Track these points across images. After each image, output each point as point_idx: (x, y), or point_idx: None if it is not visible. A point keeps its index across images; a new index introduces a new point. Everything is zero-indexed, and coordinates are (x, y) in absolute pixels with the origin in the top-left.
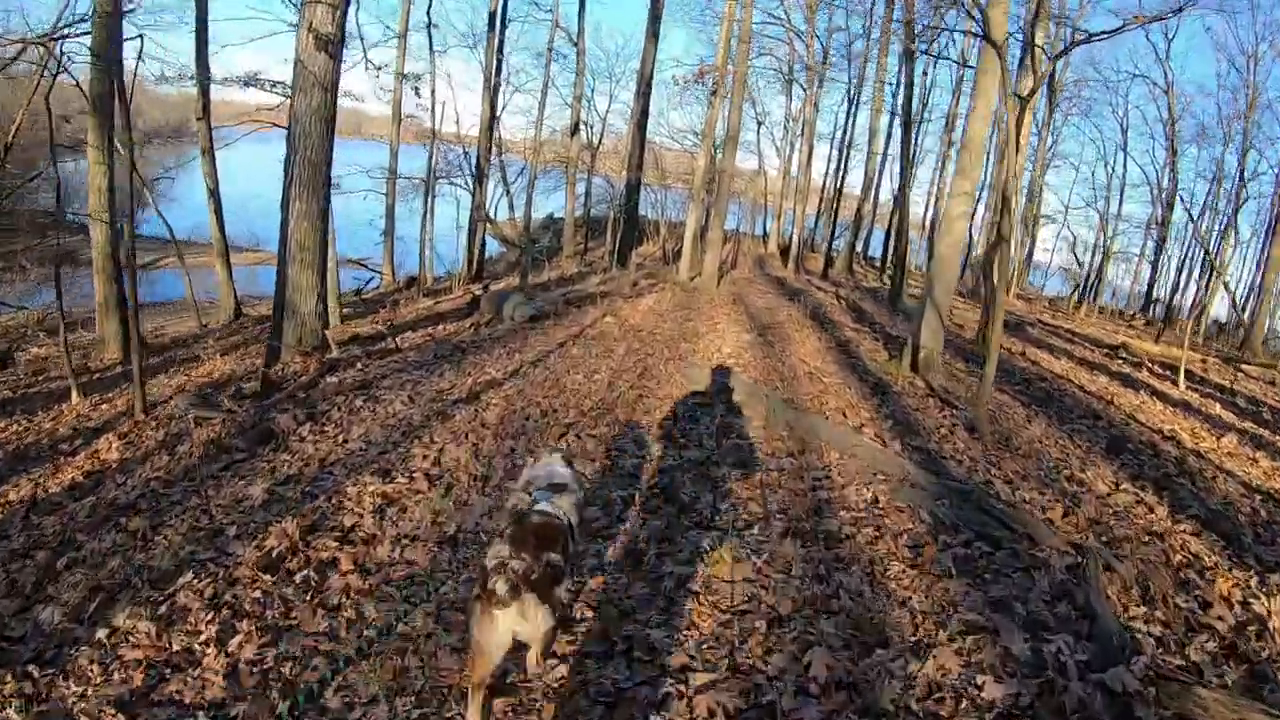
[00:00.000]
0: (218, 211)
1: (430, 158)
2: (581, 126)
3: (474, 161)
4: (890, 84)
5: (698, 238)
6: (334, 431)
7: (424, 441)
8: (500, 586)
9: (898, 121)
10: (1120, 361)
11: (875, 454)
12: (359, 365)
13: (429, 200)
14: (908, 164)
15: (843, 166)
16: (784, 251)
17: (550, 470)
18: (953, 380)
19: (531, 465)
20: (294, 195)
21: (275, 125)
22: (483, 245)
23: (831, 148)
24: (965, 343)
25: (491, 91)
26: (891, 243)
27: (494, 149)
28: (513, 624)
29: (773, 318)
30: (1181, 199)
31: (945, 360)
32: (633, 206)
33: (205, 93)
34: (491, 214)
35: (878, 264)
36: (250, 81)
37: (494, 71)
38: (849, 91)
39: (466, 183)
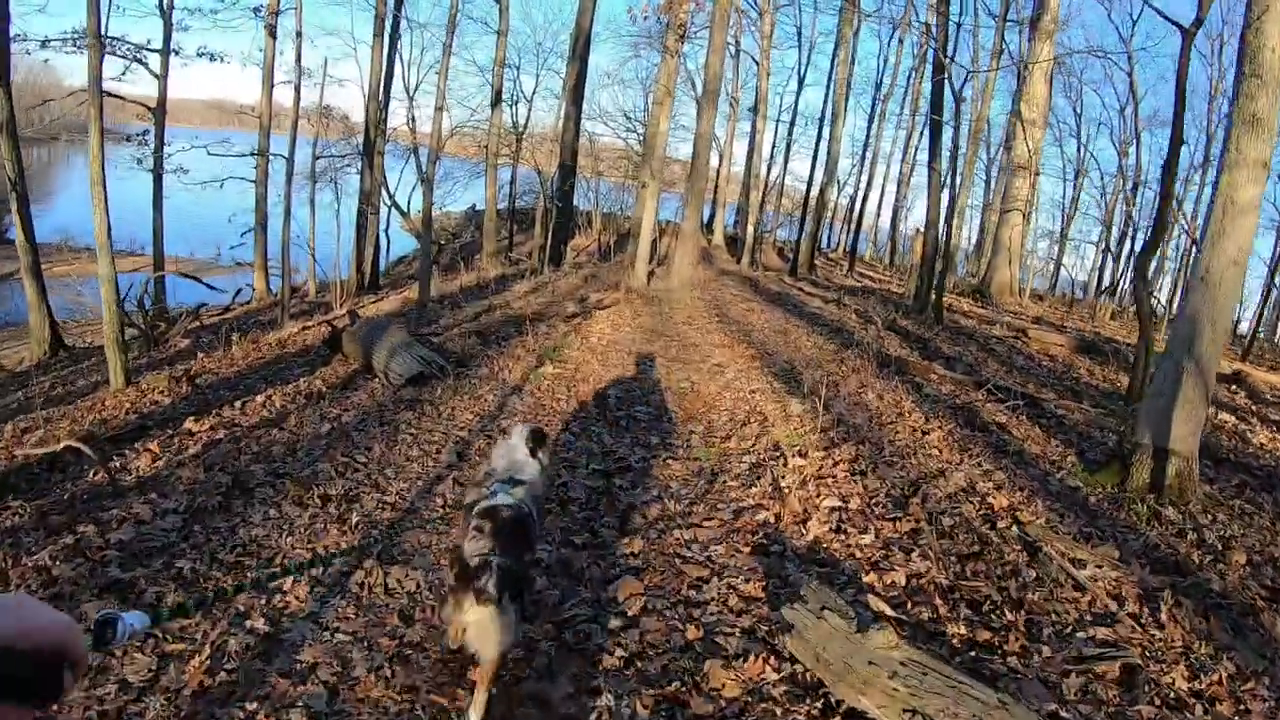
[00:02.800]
0: (22, 210)
1: (298, 139)
2: (506, 108)
3: (363, 137)
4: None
5: (660, 232)
6: None
7: None
8: (490, 584)
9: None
10: None
11: None
12: None
13: (313, 189)
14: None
15: (787, 150)
16: (730, 243)
17: (512, 461)
18: (1219, 510)
19: (499, 445)
20: None
21: None
22: (376, 245)
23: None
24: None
25: (387, 45)
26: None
27: (403, 128)
28: (477, 619)
29: (795, 348)
30: None
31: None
32: (567, 192)
33: None
34: (405, 205)
35: (831, 256)
36: None
37: (388, 20)
38: (798, 68)
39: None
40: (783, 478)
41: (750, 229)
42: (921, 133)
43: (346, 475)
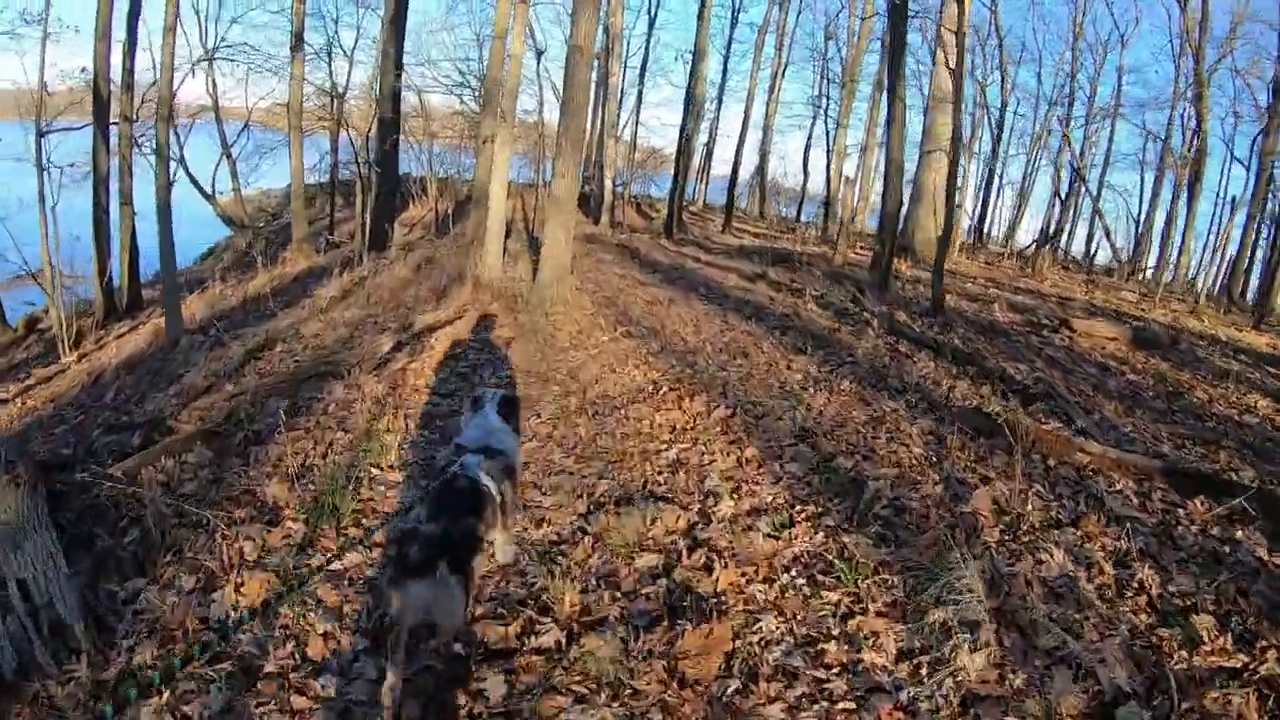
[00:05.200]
0: None
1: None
2: (322, 63)
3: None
4: None
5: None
6: None
7: None
8: (414, 554)
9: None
10: None
11: None
12: None
13: (41, 180)
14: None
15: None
16: (581, 202)
17: (486, 427)
18: None
19: (469, 415)
20: None
21: None
22: (134, 251)
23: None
24: None
25: None
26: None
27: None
28: (422, 593)
29: (780, 385)
30: None
31: None
32: (388, 152)
33: None
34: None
35: (693, 210)
36: None
37: None
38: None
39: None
40: None
41: (608, 184)
42: (783, 73)
43: None
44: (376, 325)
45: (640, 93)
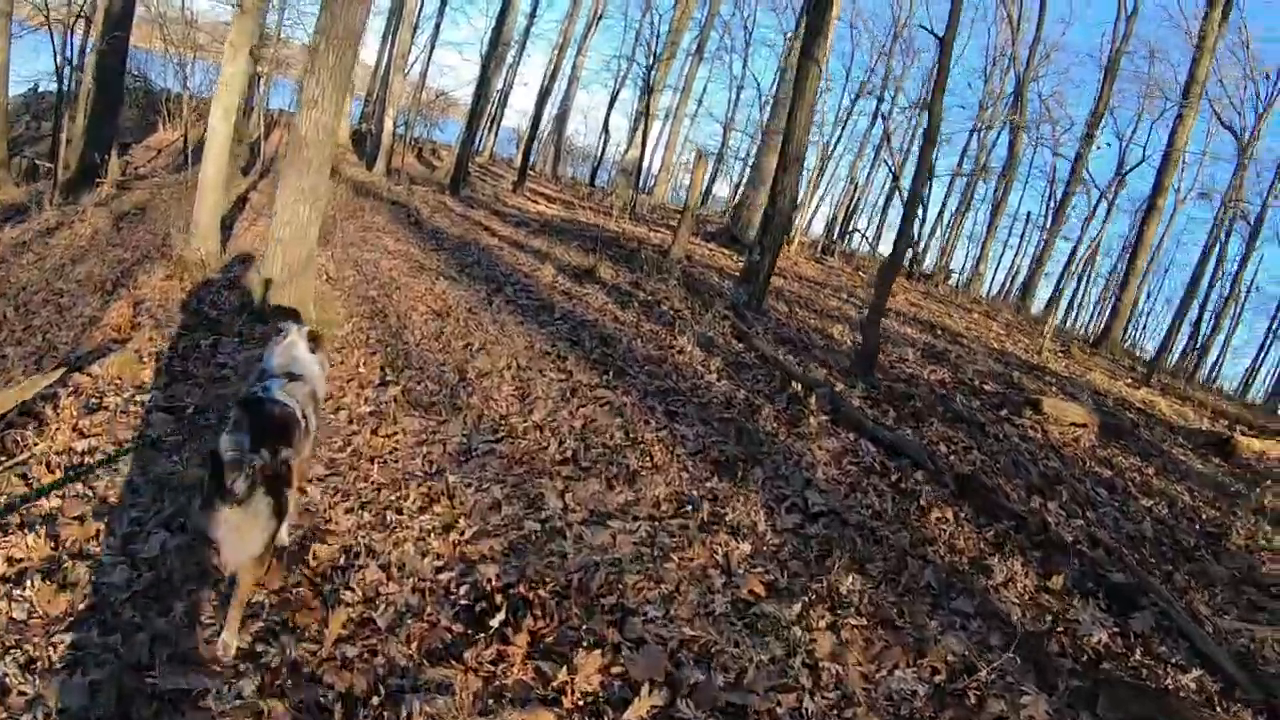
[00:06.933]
0: None
1: None
2: None
3: None
4: None
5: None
6: None
7: None
8: (239, 484)
9: None
10: None
11: None
12: None
13: None
14: None
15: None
16: (356, 143)
17: (292, 356)
18: None
19: (275, 345)
20: None
21: None
22: None
23: None
24: None
25: None
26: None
27: None
28: (243, 520)
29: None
30: None
31: None
32: (106, 53)
33: None
34: None
35: (478, 162)
36: None
37: None
38: None
39: None
40: None
41: (388, 125)
42: (598, 21)
43: None
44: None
45: (438, 25)
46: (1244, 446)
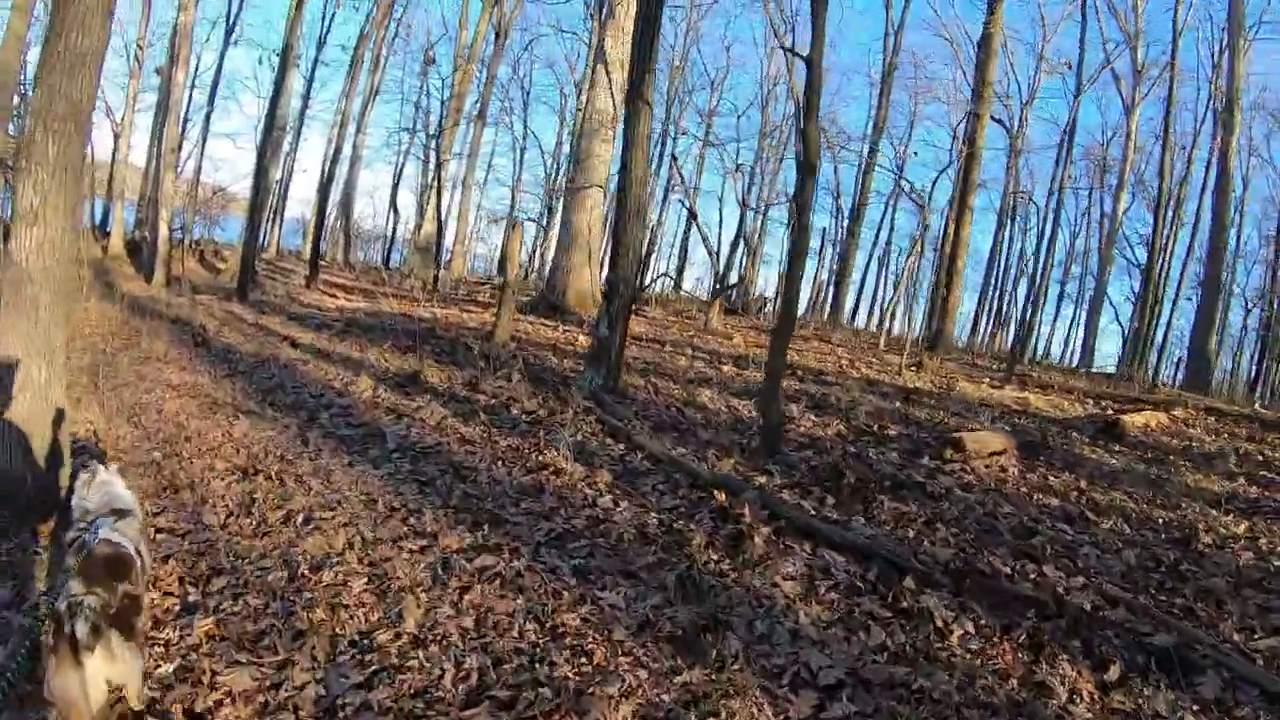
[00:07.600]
0: None
1: None
2: None
3: None
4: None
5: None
6: None
7: None
8: (81, 629)
9: None
10: None
11: None
12: None
13: None
14: None
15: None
16: (132, 252)
17: (110, 494)
18: None
19: (86, 486)
20: None
21: None
22: None
23: None
24: None
25: None
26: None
27: None
28: (103, 668)
29: None
30: None
31: None
32: None
33: None
34: None
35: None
36: None
37: None
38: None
39: None
40: None
41: (163, 230)
42: (374, 96)
43: None
44: None
45: (209, 115)
46: (1130, 425)
